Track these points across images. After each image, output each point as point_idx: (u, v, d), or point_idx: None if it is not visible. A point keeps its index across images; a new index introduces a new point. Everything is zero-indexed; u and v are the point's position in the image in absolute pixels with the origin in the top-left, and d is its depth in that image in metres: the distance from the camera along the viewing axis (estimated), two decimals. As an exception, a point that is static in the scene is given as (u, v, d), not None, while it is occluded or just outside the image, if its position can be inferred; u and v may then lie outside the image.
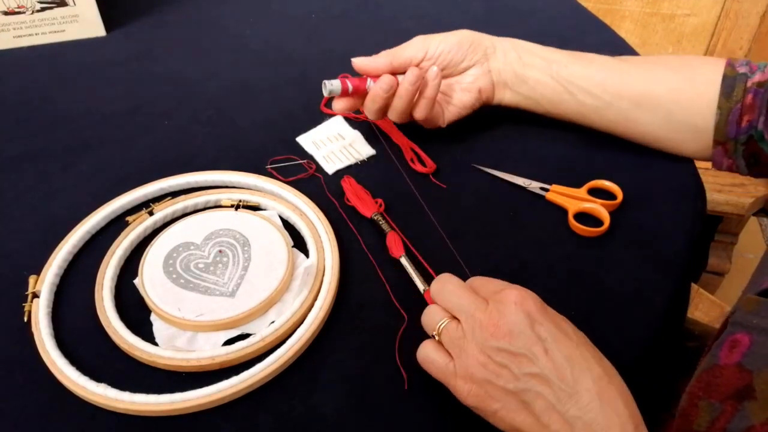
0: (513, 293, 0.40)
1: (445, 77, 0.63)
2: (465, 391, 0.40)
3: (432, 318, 0.43)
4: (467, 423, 0.43)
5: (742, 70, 0.56)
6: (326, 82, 0.59)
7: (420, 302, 0.50)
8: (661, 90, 0.58)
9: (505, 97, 0.64)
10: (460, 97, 0.64)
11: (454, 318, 0.42)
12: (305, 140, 0.66)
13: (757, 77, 0.56)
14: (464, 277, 0.52)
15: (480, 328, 0.40)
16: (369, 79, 0.60)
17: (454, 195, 0.60)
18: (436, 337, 0.43)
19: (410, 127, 0.67)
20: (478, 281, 0.44)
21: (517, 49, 0.63)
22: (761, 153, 0.56)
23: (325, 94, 0.59)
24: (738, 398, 0.36)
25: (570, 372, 0.37)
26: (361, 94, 0.60)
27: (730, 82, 0.56)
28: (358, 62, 0.60)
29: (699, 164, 0.64)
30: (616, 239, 0.55)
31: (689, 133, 0.59)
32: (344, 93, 0.59)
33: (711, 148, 0.58)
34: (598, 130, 0.63)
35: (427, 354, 0.42)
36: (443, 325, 0.42)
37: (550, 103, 0.63)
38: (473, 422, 0.43)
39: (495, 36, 0.64)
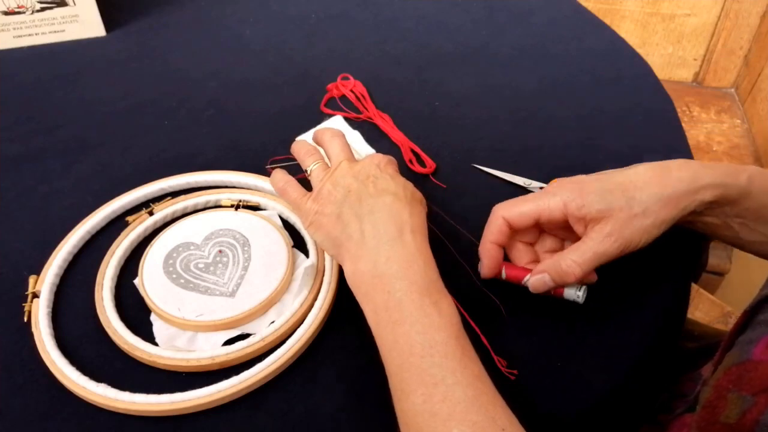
0: (367, 157, 0.50)
1: None
2: (309, 218, 0.48)
3: (307, 156, 0.53)
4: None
5: None
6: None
7: (420, 302, 0.50)
8: None
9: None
10: None
11: (323, 161, 0.52)
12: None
13: None
14: (464, 277, 0.52)
15: (340, 170, 0.49)
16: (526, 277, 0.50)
17: (454, 195, 0.60)
18: (307, 173, 0.52)
19: (410, 127, 0.67)
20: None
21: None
22: None
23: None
24: None
25: (380, 198, 0.47)
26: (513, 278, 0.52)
27: None
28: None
29: (699, 164, 0.63)
30: (616, 239, 0.55)
31: None
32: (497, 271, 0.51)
33: None
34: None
35: (285, 188, 0.51)
36: (315, 166, 0.51)
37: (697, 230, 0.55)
38: (473, 422, 0.42)
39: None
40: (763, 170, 0.52)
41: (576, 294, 0.48)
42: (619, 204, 0.47)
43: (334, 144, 0.52)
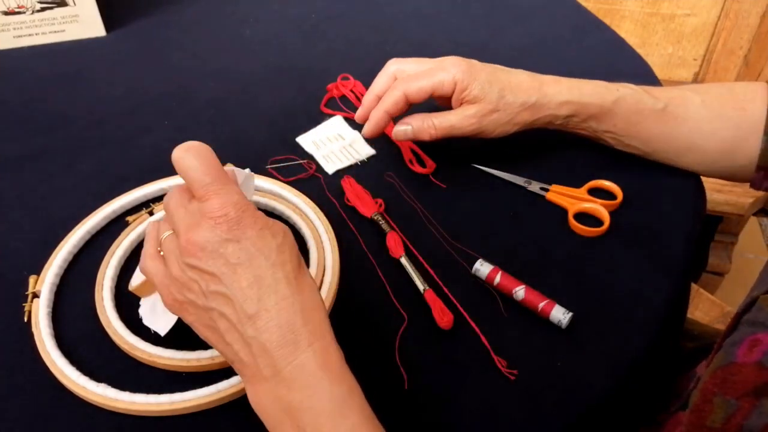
0: (215, 204, 0.37)
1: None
2: (168, 300, 0.40)
3: (159, 228, 0.42)
4: (467, 423, 0.43)
5: None
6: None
7: (420, 302, 0.50)
8: (709, 145, 0.57)
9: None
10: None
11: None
12: (305, 140, 0.66)
13: None
14: (464, 277, 0.52)
15: (179, 244, 0.38)
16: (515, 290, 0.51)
17: (454, 195, 0.60)
18: (160, 249, 0.41)
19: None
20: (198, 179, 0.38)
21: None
22: None
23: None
24: (756, 395, 0.36)
25: (256, 292, 0.37)
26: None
27: None
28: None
29: (699, 164, 0.64)
30: (616, 239, 0.55)
31: (732, 168, 0.58)
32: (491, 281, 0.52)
33: (752, 173, 0.57)
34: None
35: (146, 264, 0.41)
36: (166, 236, 0.41)
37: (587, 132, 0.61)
38: (474, 422, 0.43)
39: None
40: (637, 93, 0.57)
41: (562, 316, 0.48)
42: (492, 97, 0.56)
43: (173, 199, 0.40)
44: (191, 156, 0.38)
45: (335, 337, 0.39)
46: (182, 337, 0.48)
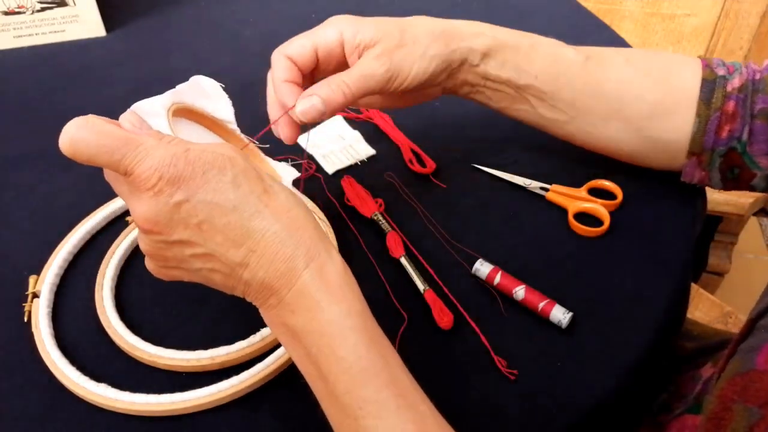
0: (141, 175, 0.34)
1: None
2: (157, 274, 0.39)
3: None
4: (467, 423, 0.43)
5: (720, 72, 0.51)
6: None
7: (420, 302, 0.50)
8: (634, 107, 0.53)
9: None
10: None
11: None
12: (305, 140, 0.66)
13: (736, 81, 0.51)
14: (464, 277, 0.52)
15: (138, 225, 0.37)
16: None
17: (454, 195, 0.60)
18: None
19: (410, 127, 0.67)
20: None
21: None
22: (743, 166, 0.52)
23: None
24: None
25: (233, 239, 0.35)
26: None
27: (709, 86, 0.51)
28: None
29: (699, 164, 0.63)
30: (616, 239, 0.55)
31: (659, 144, 0.54)
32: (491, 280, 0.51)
33: (683, 159, 0.53)
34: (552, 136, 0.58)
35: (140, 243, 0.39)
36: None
37: (500, 107, 0.57)
38: (474, 422, 0.43)
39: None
40: (554, 42, 0.54)
41: (562, 316, 0.48)
42: (392, 33, 0.49)
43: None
44: (82, 143, 0.35)
45: (334, 246, 0.38)
46: (182, 337, 0.48)
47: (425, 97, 0.56)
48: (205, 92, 0.50)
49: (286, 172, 0.50)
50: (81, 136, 0.35)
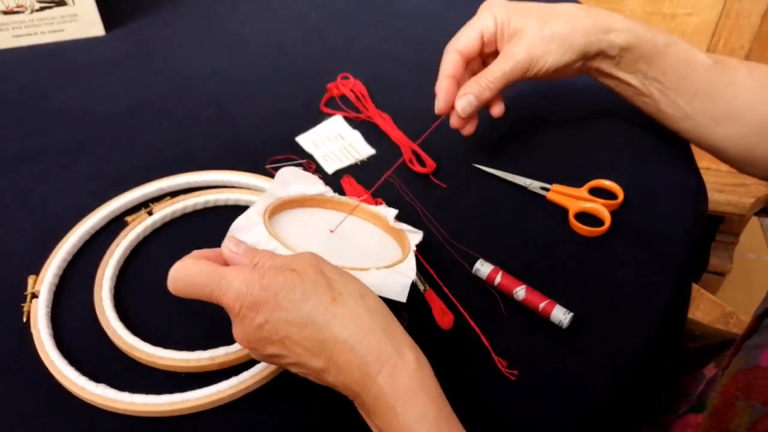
0: (227, 304, 0.39)
1: None
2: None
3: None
4: (467, 423, 0.42)
5: None
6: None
7: (420, 302, 0.50)
8: (745, 116, 0.55)
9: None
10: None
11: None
12: (305, 140, 0.66)
13: None
14: (464, 277, 0.52)
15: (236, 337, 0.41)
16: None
17: (454, 195, 0.60)
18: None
19: (410, 127, 0.67)
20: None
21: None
22: None
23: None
24: None
25: (311, 350, 0.38)
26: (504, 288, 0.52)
27: None
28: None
29: (700, 164, 0.63)
30: (617, 239, 0.55)
31: (758, 154, 0.56)
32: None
33: None
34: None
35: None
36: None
37: (625, 95, 0.60)
38: (474, 422, 0.42)
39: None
40: (689, 45, 0.56)
41: (563, 316, 0.48)
42: (533, 26, 0.54)
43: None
44: (180, 283, 0.39)
45: (407, 342, 0.40)
46: (182, 337, 0.48)
47: (559, 77, 0.60)
48: (292, 179, 0.54)
49: (389, 214, 0.54)
50: (178, 278, 0.40)
